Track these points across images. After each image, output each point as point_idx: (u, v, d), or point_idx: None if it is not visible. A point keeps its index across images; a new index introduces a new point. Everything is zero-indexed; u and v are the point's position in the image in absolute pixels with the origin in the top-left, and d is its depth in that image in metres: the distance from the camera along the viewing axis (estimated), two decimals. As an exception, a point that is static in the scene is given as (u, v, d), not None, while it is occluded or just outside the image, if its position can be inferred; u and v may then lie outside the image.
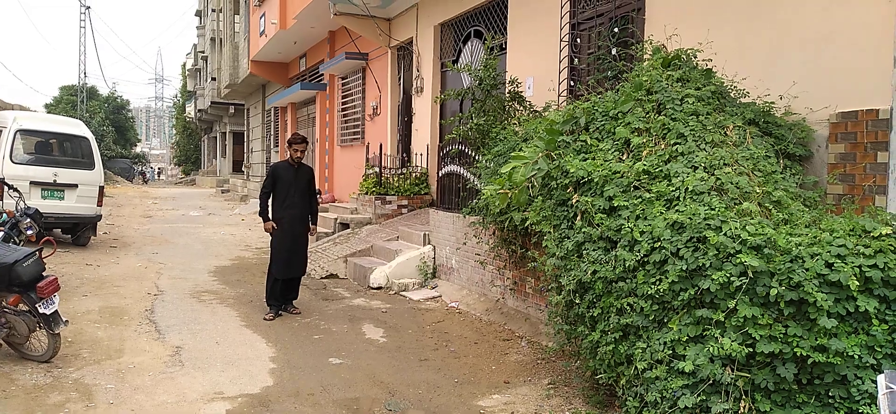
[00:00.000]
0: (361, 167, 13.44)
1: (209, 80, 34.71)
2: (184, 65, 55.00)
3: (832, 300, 3.17)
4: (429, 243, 9.27)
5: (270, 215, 7.46)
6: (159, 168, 63.30)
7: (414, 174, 11.96)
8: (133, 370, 5.31)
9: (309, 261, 10.33)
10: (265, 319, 7.09)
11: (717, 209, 3.69)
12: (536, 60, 8.76)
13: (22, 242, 6.75)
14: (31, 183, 10.62)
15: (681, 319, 3.60)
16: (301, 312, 7.45)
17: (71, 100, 44.26)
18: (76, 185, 11.17)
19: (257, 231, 15.58)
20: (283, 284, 7.41)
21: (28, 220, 7.28)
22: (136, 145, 53.29)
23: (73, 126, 12.24)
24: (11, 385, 4.88)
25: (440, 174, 10.18)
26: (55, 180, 10.98)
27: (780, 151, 4.86)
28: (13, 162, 10.75)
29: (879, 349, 3.12)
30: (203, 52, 39.55)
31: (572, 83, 8.08)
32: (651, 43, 5.81)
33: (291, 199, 7.32)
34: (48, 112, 37.82)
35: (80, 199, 11.20)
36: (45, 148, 11.75)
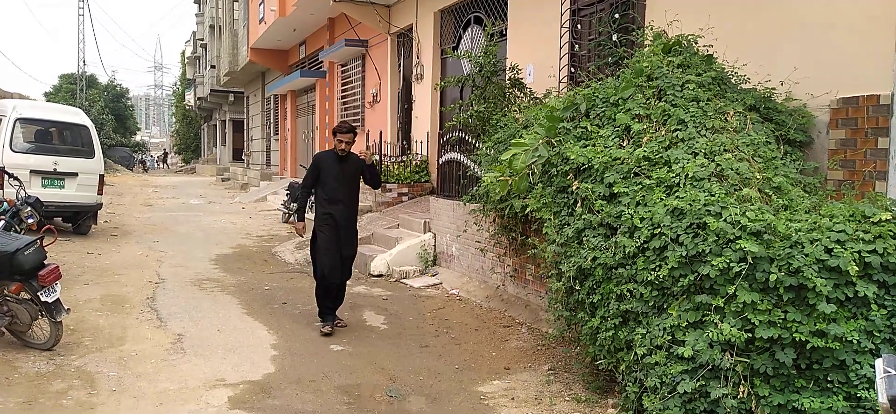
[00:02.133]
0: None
1: (208, 67, 34.63)
2: (183, 52, 54.82)
3: (831, 285, 3.18)
4: (429, 231, 9.29)
5: (306, 215, 6.64)
6: (157, 155, 62.70)
7: (414, 162, 11.95)
8: (135, 358, 5.33)
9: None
10: (322, 333, 6.16)
11: (717, 195, 3.69)
12: (537, 47, 8.74)
13: (23, 231, 6.75)
14: (32, 171, 10.62)
15: (680, 304, 3.61)
16: (347, 324, 6.55)
17: (70, 88, 44.14)
18: (76, 174, 11.16)
19: (258, 219, 15.59)
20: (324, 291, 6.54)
21: (29, 208, 7.28)
22: (135, 134, 53.17)
23: (73, 114, 12.22)
24: (14, 373, 4.91)
25: (440, 162, 10.17)
26: (55, 169, 10.98)
27: (780, 137, 4.85)
28: (13, 150, 10.75)
29: (878, 334, 3.14)
30: (202, 39, 39.42)
31: (573, 70, 8.06)
32: (652, 29, 5.79)
33: (337, 194, 6.36)
34: (48, 100, 37.74)
35: (80, 188, 11.20)
36: (45, 136, 11.73)
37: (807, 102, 5.12)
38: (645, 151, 4.30)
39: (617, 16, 7.35)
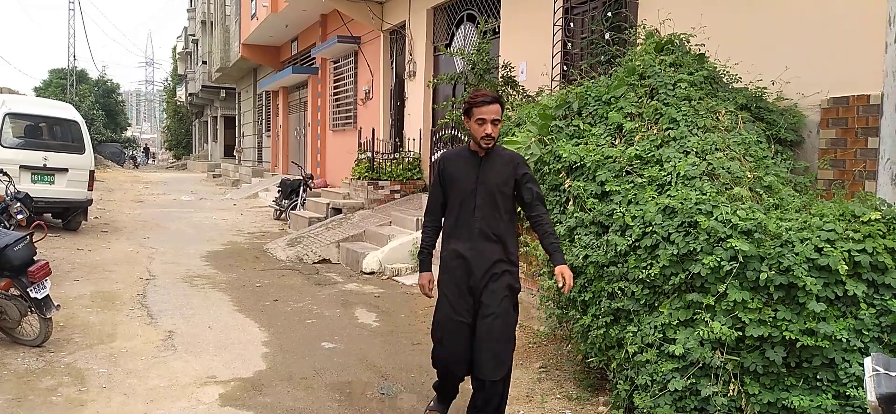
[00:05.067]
0: (354, 152, 13.41)
1: (200, 63, 34.48)
2: (174, 48, 54.50)
3: (821, 284, 3.20)
4: (421, 228, 9.27)
5: (432, 259, 3.97)
6: (153, 151, 61.87)
7: (406, 159, 11.94)
8: (125, 354, 5.30)
9: (303, 246, 10.34)
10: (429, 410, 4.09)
11: (708, 194, 3.71)
12: (530, 45, 8.74)
13: (12, 227, 6.72)
14: (21, 167, 10.54)
15: (671, 303, 3.62)
16: None
17: (60, 83, 43.83)
18: (66, 170, 11.08)
19: (249, 216, 15.54)
20: (448, 383, 3.96)
21: (18, 204, 7.25)
22: (126, 129, 52.88)
23: (63, 110, 12.14)
24: (3, 369, 4.88)
25: (433, 159, 10.16)
26: (45, 164, 10.90)
27: (771, 137, 4.88)
28: (2, 146, 10.66)
29: (867, 333, 3.16)
30: (194, 35, 39.23)
31: (565, 68, 8.07)
32: (644, 27, 5.81)
33: (471, 220, 3.67)
34: (37, 95, 37.47)
35: (70, 184, 11.13)
36: (35, 132, 11.65)
37: (798, 102, 5.15)
38: (637, 150, 4.31)
39: (610, 14, 7.36)
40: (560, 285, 3.55)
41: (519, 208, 3.83)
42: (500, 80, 8.72)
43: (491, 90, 3.60)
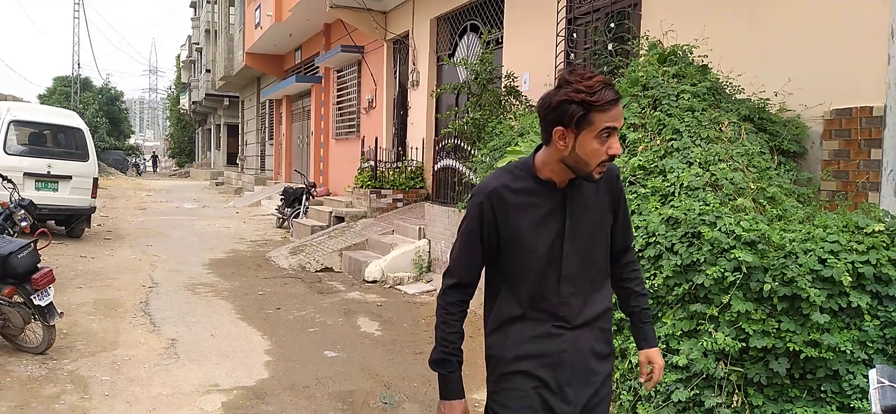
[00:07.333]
0: (356, 161, 13.43)
1: (204, 71, 34.58)
2: (178, 56, 54.70)
3: (825, 296, 3.20)
4: (424, 237, 9.28)
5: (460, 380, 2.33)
6: (149, 157, 61.20)
7: (409, 168, 11.96)
8: (128, 362, 5.31)
9: (306, 254, 10.35)
10: None
11: (711, 205, 3.71)
12: (533, 55, 8.77)
13: (16, 234, 6.73)
14: (25, 174, 10.59)
15: (675, 313, 3.62)
16: None
17: (65, 91, 44.00)
18: (70, 177, 11.12)
19: (252, 224, 15.54)
20: None
21: (22, 211, 7.27)
22: (129, 137, 53.00)
23: (67, 117, 12.20)
24: (6, 377, 4.88)
25: (436, 168, 10.18)
26: (49, 172, 10.94)
27: (774, 148, 4.89)
28: (7, 153, 10.71)
29: (871, 344, 3.15)
30: (198, 43, 39.38)
31: (568, 78, 8.08)
32: (647, 39, 5.83)
33: (548, 296, 2.06)
34: (42, 103, 37.63)
35: (74, 191, 11.17)
36: (39, 139, 11.70)
37: (801, 113, 5.16)
38: (640, 160, 4.32)
39: (612, 25, 7.39)
40: (644, 378, 2.27)
41: None
42: (504, 90, 8.74)
43: (608, 82, 1.92)
